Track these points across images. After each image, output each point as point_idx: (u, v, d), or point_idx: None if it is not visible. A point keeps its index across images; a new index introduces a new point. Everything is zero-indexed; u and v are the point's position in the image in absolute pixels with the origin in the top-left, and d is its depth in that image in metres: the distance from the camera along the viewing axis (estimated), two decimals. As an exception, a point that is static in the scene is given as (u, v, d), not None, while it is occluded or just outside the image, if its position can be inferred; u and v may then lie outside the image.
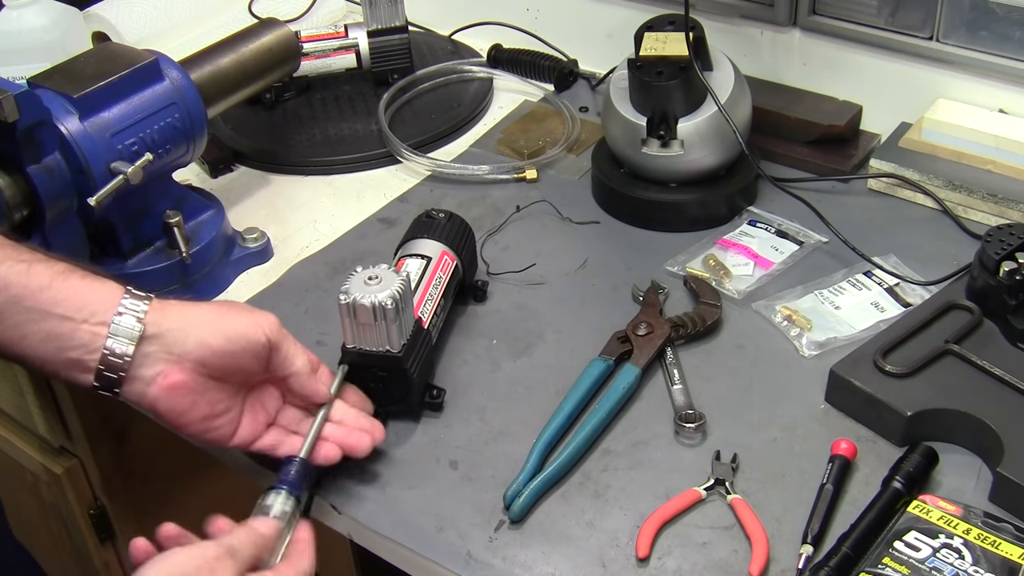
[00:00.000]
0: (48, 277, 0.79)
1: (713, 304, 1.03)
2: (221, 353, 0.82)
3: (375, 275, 0.90)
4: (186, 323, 0.82)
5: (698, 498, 0.86)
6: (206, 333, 0.82)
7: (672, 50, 1.12)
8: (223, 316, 0.84)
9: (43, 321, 0.79)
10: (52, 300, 0.79)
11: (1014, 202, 1.11)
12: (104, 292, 0.81)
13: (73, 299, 0.80)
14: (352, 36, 1.43)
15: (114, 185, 0.99)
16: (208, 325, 0.82)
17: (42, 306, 0.79)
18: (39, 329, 0.79)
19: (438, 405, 0.96)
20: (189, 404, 0.82)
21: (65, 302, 0.79)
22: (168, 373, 0.81)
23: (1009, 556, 0.77)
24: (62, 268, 0.81)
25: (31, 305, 0.78)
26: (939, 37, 1.20)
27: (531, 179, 1.26)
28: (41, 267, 0.80)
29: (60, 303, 0.79)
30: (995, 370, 0.91)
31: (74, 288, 0.80)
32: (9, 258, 0.79)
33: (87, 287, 0.81)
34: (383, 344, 0.91)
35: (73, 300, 0.80)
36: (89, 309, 0.80)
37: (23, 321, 0.79)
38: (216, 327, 0.82)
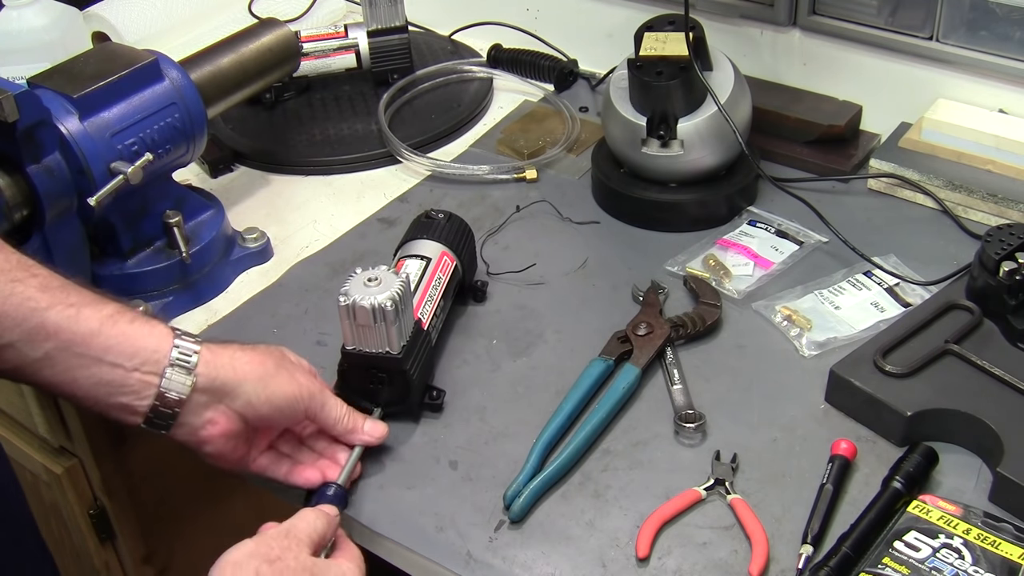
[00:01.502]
0: (98, 322, 0.79)
1: (713, 304, 1.03)
2: (266, 415, 0.85)
3: (375, 276, 0.90)
4: (236, 377, 0.83)
5: (698, 498, 0.86)
6: (252, 395, 0.84)
7: (672, 50, 1.12)
8: (269, 378, 0.85)
9: (94, 367, 0.79)
10: (103, 347, 0.79)
11: (1014, 202, 1.11)
12: (155, 339, 0.81)
13: (124, 345, 0.80)
14: (352, 36, 1.43)
15: (114, 185, 0.99)
16: (255, 385, 0.84)
17: (93, 352, 0.79)
18: (90, 374, 0.79)
19: (438, 406, 0.96)
20: (234, 446, 0.85)
21: (115, 348, 0.80)
22: (217, 421, 0.83)
23: (1009, 556, 0.77)
24: (111, 312, 0.81)
25: (82, 351, 0.79)
26: (939, 37, 1.20)
27: (531, 179, 1.26)
28: (90, 312, 0.80)
29: (110, 350, 0.79)
30: (995, 370, 0.91)
31: (124, 334, 0.80)
32: (58, 302, 0.79)
33: (137, 333, 0.81)
34: (383, 345, 0.91)
35: (124, 347, 0.80)
36: (140, 357, 0.80)
37: (74, 366, 0.79)
38: (262, 390, 0.84)
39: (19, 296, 0.78)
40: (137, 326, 0.81)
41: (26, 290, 0.78)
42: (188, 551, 1.43)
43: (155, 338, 0.81)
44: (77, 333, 0.79)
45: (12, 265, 0.79)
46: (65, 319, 0.78)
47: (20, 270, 0.79)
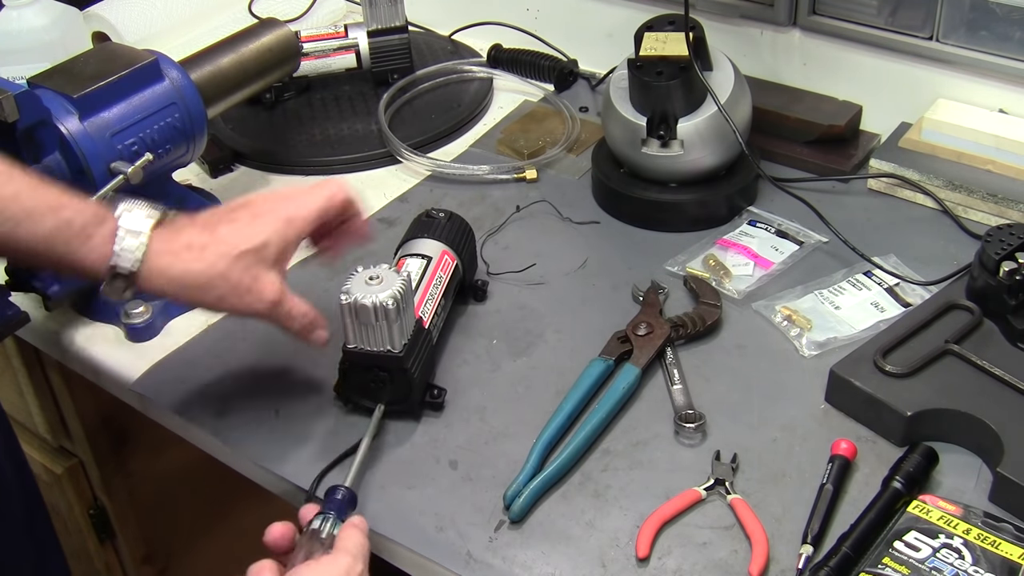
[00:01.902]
0: (33, 242, 0.80)
1: (713, 304, 1.03)
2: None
3: (376, 275, 0.90)
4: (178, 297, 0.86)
5: (698, 498, 0.86)
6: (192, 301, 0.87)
7: (672, 50, 1.12)
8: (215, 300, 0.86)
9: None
10: (45, 263, 0.82)
11: (1014, 202, 1.11)
12: (93, 256, 0.82)
13: (66, 266, 0.81)
14: (352, 36, 1.43)
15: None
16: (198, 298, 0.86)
17: (35, 263, 0.82)
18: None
19: (439, 405, 0.96)
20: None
21: (58, 267, 0.82)
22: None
23: (1009, 556, 0.77)
24: (48, 230, 0.80)
25: (24, 260, 0.81)
26: (939, 37, 1.20)
27: (531, 179, 1.26)
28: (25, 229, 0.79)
29: (54, 266, 0.83)
30: (995, 370, 0.91)
31: (59, 258, 0.81)
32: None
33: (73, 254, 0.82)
34: (384, 344, 0.91)
35: (66, 266, 0.82)
36: (81, 273, 0.82)
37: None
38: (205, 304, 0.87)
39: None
40: (73, 247, 0.81)
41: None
42: (188, 551, 1.43)
43: (93, 256, 0.81)
44: (16, 249, 0.80)
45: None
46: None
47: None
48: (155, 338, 1.07)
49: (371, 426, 0.92)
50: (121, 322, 1.06)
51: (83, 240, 0.80)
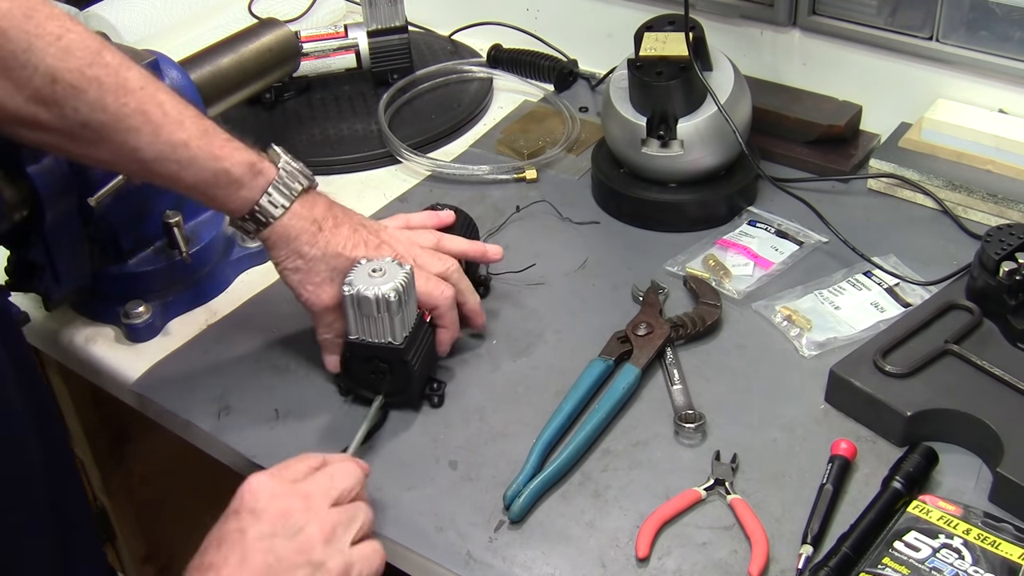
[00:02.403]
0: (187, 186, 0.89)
1: (713, 304, 1.03)
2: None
3: (379, 267, 0.91)
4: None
5: (698, 498, 0.86)
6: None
7: (672, 50, 1.12)
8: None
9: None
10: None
11: (1014, 202, 1.11)
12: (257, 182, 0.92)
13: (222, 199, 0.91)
14: (352, 36, 1.43)
15: (114, 185, 0.99)
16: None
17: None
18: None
19: (439, 398, 0.96)
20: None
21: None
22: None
23: (1009, 556, 0.77)
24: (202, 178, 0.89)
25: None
26: (939, 37, 1.20)
27: (531, 179, 1.26)
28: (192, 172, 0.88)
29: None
30: (995, 370, 0.91)
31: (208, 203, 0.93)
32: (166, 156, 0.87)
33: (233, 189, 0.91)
34: (385, 336, 0.91)
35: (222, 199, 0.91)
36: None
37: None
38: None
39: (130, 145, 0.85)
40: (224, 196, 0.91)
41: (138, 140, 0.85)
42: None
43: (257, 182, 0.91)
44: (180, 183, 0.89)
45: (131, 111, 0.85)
46: (168, 173, 0.88)
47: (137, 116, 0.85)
48: (155, 338, 1.07)
49: (369, 415, 0.92)
50: (121, 322, 1.06)
51: (235, 188, 0.89)
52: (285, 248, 0.93)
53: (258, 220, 0.91)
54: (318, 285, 0.94)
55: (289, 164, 0.93)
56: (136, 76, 0.85)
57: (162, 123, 0.85)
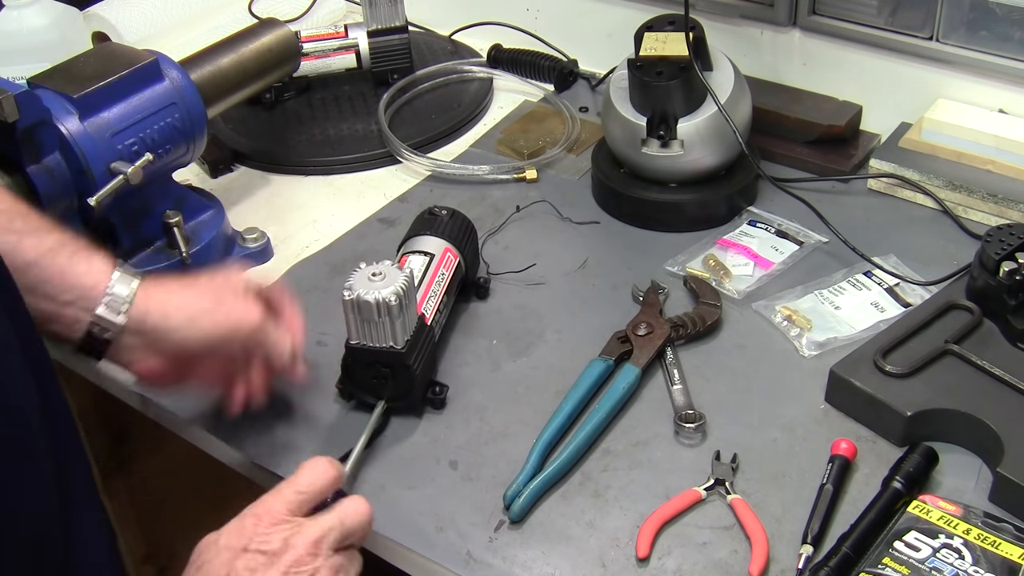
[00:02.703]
0: (36, 254, 0.79)
1: (713, 304, 1.03)
2: (200, 349, 0.85)
3: (379, 271, 0.90)
4: (166, 320, 0.83)
5: (698, 498, 0.86)
6: (183, 335, 0.83)
7: (672, 50, 1.12)
8: (204, 316, 0.84)
9: (28, 296, 0.77)
10: (37, 279, 0.79)
11: (1014, 202, 1.11)
12: (91, 276, 0.81)
13: (58, 280, 0.80)
14: (352, 36, 1.43)
15: (114, 185, 0.99)
16: (186, 325, 0.83)
17: (27, 283, 0.78)
18: (26, 301, 0.77)
19: (441, 401, 0.96)
20: (164, 375, 0.86)
21: (50, 282, 0.79)
22: (145, 360, 0.84)
23: (1009, 556, 0.77)
24: (51, 244, 0.80)
25: (17, 279, 0.76)
26: (939, 37, 1.20)
27: (531, 179, 1.26)
28: (30, 242, 0.79)
29: (46, 283, 0.79)
30: (995, 370, 0.91)
31: (60, 269, 0.80)
32: (0, 228, 0.79)
33: (74, 269, 0.81)
34: (386, 340, 0.91)
35: (58, 282, 0.80)
36: (74, 293, 0.80)
37: None
38: (194, 331, 0.84)
39: None
40: (76, 261, 0.81)
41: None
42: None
43: (92, 277, 0.81)
44: (13, 262, 0.77)
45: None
46: (4, 247, 0.77)
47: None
48: (155, 338, 1.07)
49: (371, 421, 0.92)
50: (121, 322, 1.06)
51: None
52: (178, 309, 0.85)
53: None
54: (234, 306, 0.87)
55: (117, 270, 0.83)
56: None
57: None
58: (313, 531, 0.74)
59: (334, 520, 0.76)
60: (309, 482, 0.77)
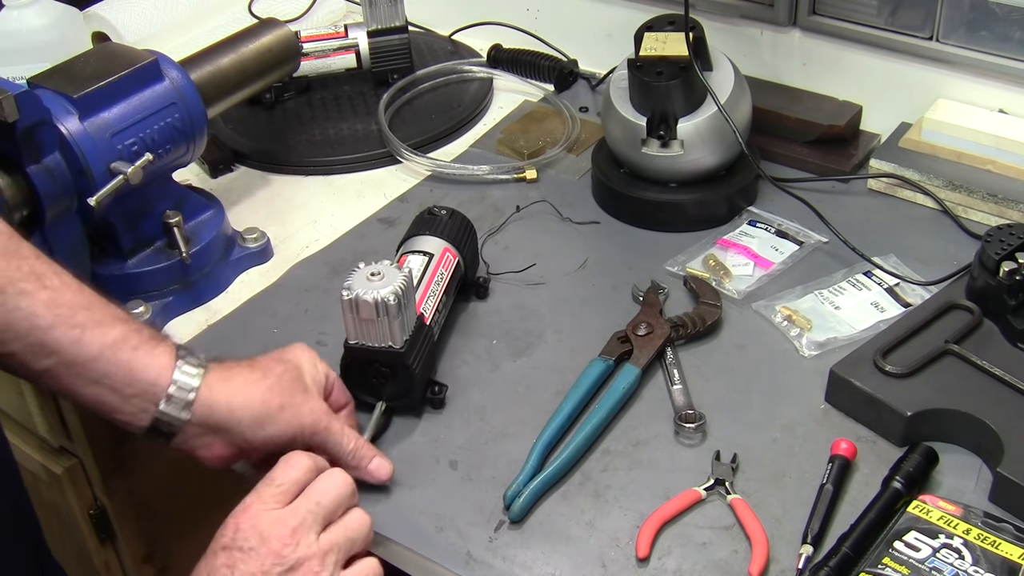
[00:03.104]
0: (99, 348, 0.79)
1: (713, 304, 1.03)
2: (263, 448, 0.85)
3: (378, 271, 0.90)
4: (232, 417, 0.83)
5: (698, 498, 0.86)
6: (247, 433, 0.83)
7: (672, 50, 1.12)
8: (268, 418, 0.83)
9: (92, 387, 0.80)
10: (102, 372, 0.79)
11: (1014, 202, 1.11)
12: (154, 371, 0.81)
13: (122, 374, 0.80)
14: (352, 36, 1.43)
15: (114, 185, 0.99)
16: (251, 425, 0.83)
17: (92, 376, 0.79)
18: (90, 392, 0.80)
19: (440, 401, 0.96)
20: (230, 461, 0.86)
21: (114, 376, 0.79)
22: (212, 446, 0.84)
23: (1009, 556, 0.77)
24: (115, 338, 0.80)
25: (81, 372, 0.79)
26: (939, 37, 1.20)
27: (531, 179, 1.26)
28: (93, 335, 0.79)
29: (109, 376, 0.79)
30: (995, 370, 0.91)
31: (124, 364, 0.80)
32: (63, 322, 0.78)
33: (138, 364, 0.80)
34: (385, 340, 0.91)
35: (122, 376, 0.80)
36: (137, 387, 0.80)
37: (74, 383, 0.80)
38: (258, 430, 0.83)
39: (24, 311, 0.77)
40: (140, 355, 0.80)
41: (32, 304, 0.77)
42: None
43: (155, 370, 0.81)
44: (78, 356, 0.79)
45: (23, 274, 0.78)
46: (68, 340, 0.78)
47: (31, 281, 0.78)
48: (155, 338, 1.07)
49: (372, 423, 0.92)
50: (121, 322, 1.06)
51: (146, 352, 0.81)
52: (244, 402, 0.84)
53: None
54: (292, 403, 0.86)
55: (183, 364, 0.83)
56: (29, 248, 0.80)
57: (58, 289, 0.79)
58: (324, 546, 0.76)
59: (341, 534, 0.77)
60: (284, 473, 0.78)
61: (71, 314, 0.79)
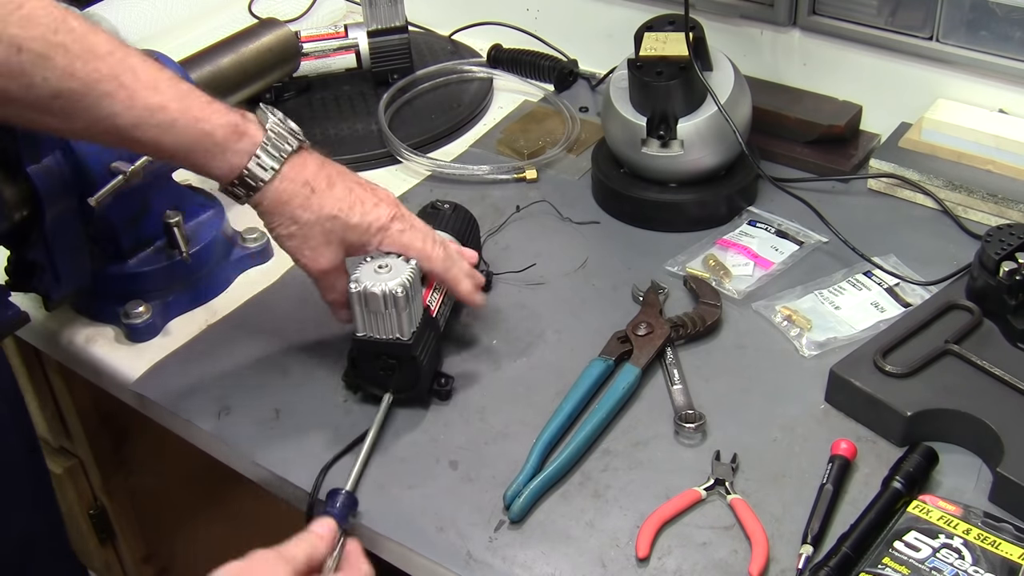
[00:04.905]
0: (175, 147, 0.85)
1: (713, 304, 1.03)
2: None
3: (385, 264, 0.91)
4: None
5: (698, 498, 0.86)
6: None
7: (672, 50, 1.12)
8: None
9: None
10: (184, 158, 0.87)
11: (1014, 202, 1.11)
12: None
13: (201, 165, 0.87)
14: (352, 36, 1.43)
15: (114, 185, 0.99)
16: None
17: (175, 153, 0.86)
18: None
19: (447, 392, 0.96)
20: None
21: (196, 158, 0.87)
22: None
23: (1009, 556, 0.77)
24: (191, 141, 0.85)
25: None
26: (939, 37, 1.20)
27: (531, 179, 1.26)
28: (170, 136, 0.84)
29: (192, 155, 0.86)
30: (995, 370, 0.91)
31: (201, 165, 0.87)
32: (143, 122, 0.83)
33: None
34: (393, 332, 0.91)
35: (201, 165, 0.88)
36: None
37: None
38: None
39: (106, 110, 0.82)
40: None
41: (113, 105, 0.81)
42: (188, 551, 1.43)
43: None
44: (160, 152, 0.86)
45: (102, 75, 0.81)
46: (148, 139, 0.84)
47: (110, 82, 0.81)
48: (155, 338, 1.07)
49: (379, 415, 0.92)
50: (121, 322, 1.06)
51: (219, 152, 0.86)
52: (278, 214, 0.90)
53: (247, 185, 0.88)
54: (315, 249, 0.92)
55: (277, 125, 0.89)
56: (104, 41, 0.82)
57: (136, 87, 0.82)
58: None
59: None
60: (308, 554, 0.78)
61: (150, 115, 0.83)
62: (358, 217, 0.91)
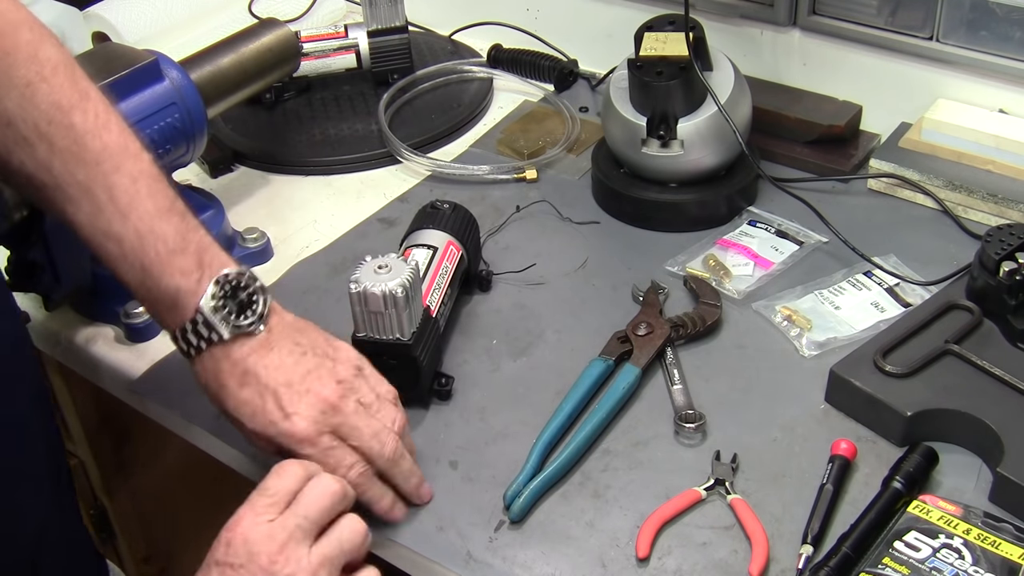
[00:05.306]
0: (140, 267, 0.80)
1: (713, 304, 1.03)
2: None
3: (385, 264, 0.91)
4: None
5: (698, 498, 0.86)
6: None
7: (672, 50, 1.12)
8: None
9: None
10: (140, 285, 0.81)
11: (1014, 202, 1.11)
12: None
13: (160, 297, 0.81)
14: (352, 36, 1.43)
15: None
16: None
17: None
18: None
19: (447, 392, 0.96)
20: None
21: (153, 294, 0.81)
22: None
23: (1009, 556, 0.77)
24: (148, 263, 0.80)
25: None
26: (939, 37, 1.20)
27: (531, 179, 1.26)
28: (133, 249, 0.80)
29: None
30: (995, 370, 0.91)
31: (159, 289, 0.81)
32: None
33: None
34: (393, 332, 0.91)
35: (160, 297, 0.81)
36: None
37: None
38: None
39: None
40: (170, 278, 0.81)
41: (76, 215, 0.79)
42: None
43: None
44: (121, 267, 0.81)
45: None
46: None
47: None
48: (155, 338, 1.07)
49: None
50: (121, 322, 1.06)
51: (154, 308, 0.82)
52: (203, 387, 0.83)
53: (181, 348, 0.82)
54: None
55: (213, 311, 0.80)
56: (99, 147, 0.79)
57: (102, 208, 0.78)
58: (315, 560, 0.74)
59: (333, 546, 0.76)
60: (276, 483, 0.77)
61: (104, 240, 0.80)
62: (260, 426, 0.81)
